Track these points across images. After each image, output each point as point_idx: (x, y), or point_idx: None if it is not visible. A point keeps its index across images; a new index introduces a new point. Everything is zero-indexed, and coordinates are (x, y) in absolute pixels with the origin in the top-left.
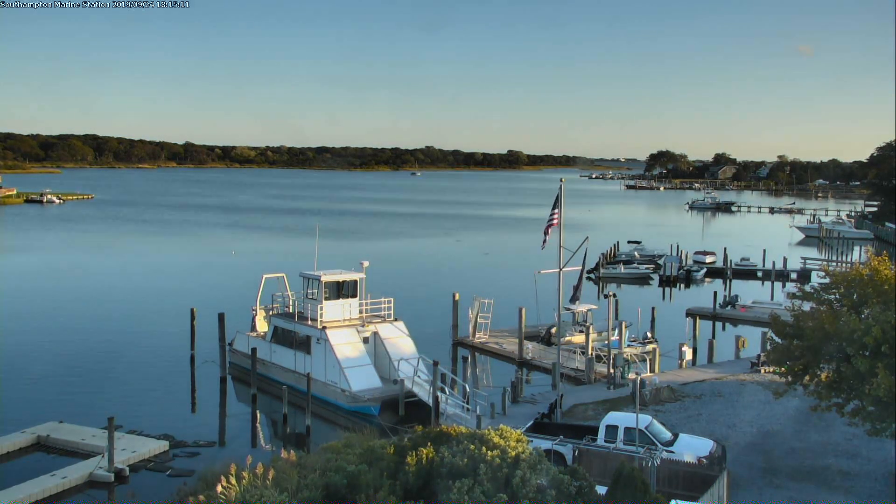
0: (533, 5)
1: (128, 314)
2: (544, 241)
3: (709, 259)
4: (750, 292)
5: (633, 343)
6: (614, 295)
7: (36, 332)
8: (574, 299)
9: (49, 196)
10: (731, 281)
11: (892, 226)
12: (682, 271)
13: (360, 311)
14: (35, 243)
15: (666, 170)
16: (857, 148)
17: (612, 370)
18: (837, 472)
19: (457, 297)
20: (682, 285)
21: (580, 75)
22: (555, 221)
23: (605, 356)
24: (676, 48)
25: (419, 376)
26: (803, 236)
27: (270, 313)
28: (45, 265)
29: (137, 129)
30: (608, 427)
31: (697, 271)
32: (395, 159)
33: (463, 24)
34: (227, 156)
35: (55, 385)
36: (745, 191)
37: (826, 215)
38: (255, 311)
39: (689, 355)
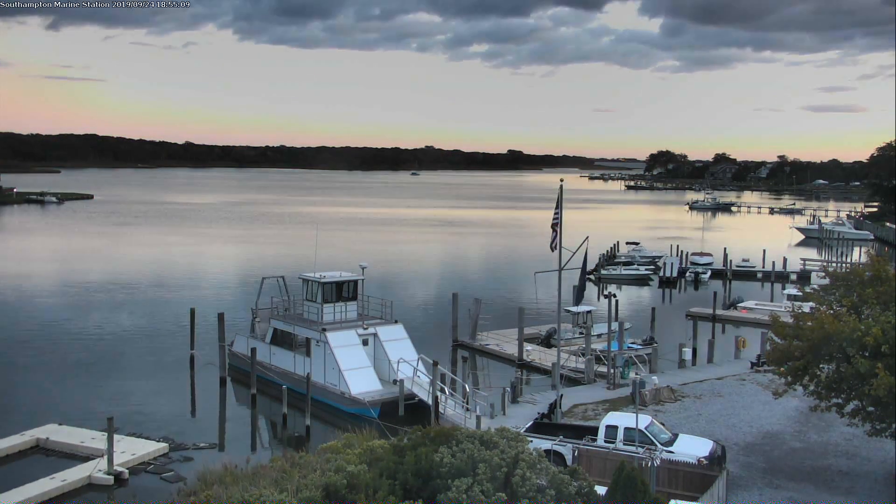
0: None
1: (127, 315)
2: (553, 241)
3: (704, 260)
4: (750, 294)
5: (632, 344)
6: (614, 296)
7: (35, 334)
8: (580, 291)
9: (49, 196)
10: (730, 282)
11: (892, 226)
12: (689, 274)
13: (360, 313)
14: (34, 244)
15: (666, 170)
16: (857, 148)
17: (611, 370)
18: (837, 473)
19: (457, 298)
20: (682, 287)
21: (580, 75)
22: (556, 222)
23: (604, 357)
24: (676, 47)
25: (419, 377)
26: (803, 237)
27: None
28: (43, 266)
29: (137, 129)
30: (608, 427)
31: (704, 273)
32: (395, 159)
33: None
34: (227, 156)
35: (54, 387)
36: (745, 191)
37: (826, 216)
38: (255, 312)
39: (689, 356)
